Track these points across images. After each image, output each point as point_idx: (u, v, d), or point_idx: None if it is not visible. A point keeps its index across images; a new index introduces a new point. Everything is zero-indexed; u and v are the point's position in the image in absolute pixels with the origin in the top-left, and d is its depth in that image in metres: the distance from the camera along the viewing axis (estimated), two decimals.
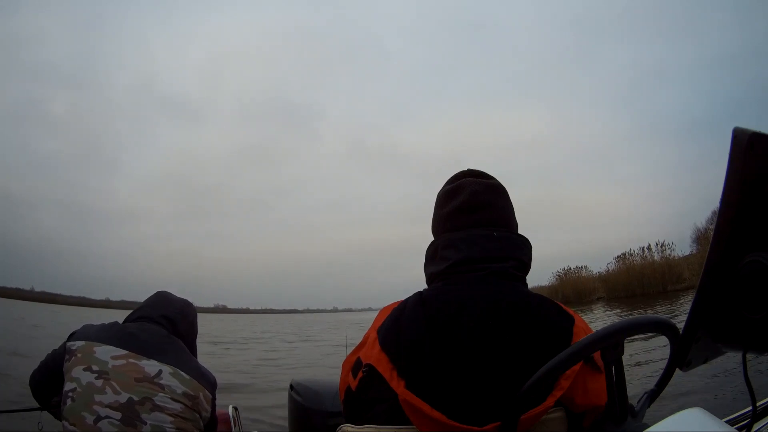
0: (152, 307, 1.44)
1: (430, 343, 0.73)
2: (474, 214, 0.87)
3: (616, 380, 0.67)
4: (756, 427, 0.89)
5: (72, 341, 1.29)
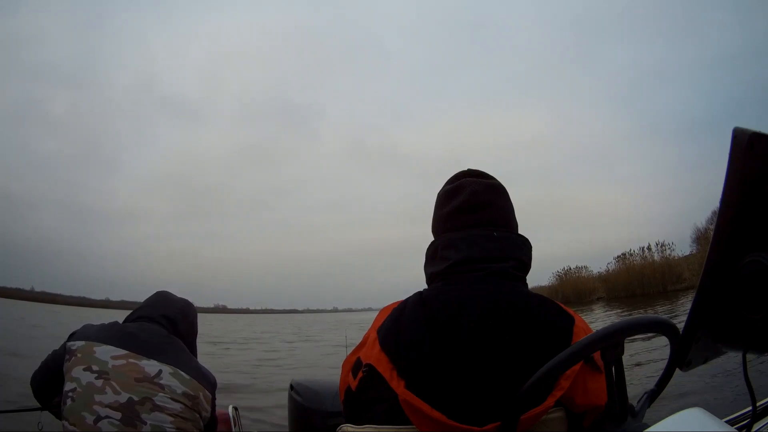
0: (152, 307, 1.44)
1: (430, 343, 0.72)
2: (474, 214, 0.87)
3: (616, 380, 0.67)
4: (756, 427, 0.89)
5: (72, 341, 1.29)
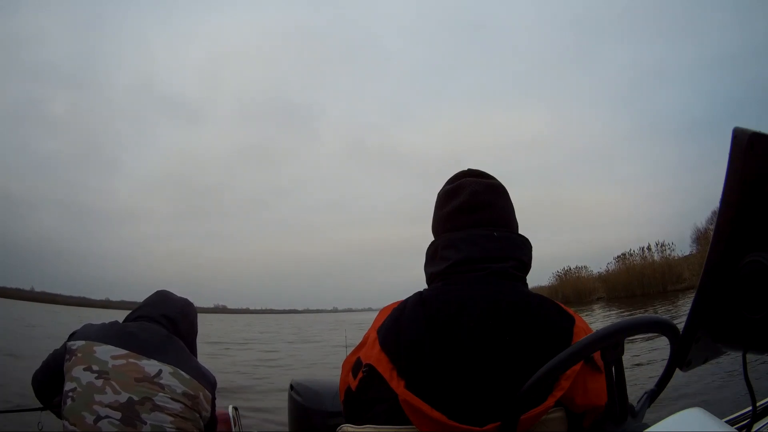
0: (152, 307, 1.43)
1: (430, 343, 0.72)
2: (474, 214, 0.87)
3: (616, 380, 0.67)
4: (756, 427, 0.89)
5: (72, 341, 1.29)
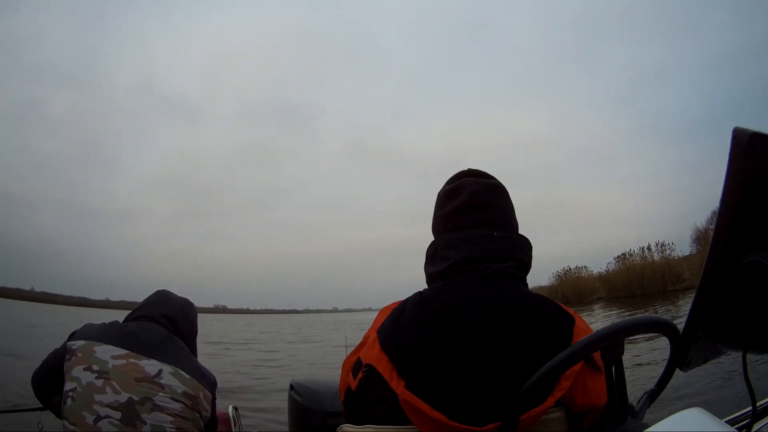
0: (153, 306, 1.43)
1: (430, 343, 0.72)
2: (474, 214, 0.87)
3: (616, 380, 0.67)
4: (756, 427, 0.89)
5: (72, 341, 1.29)
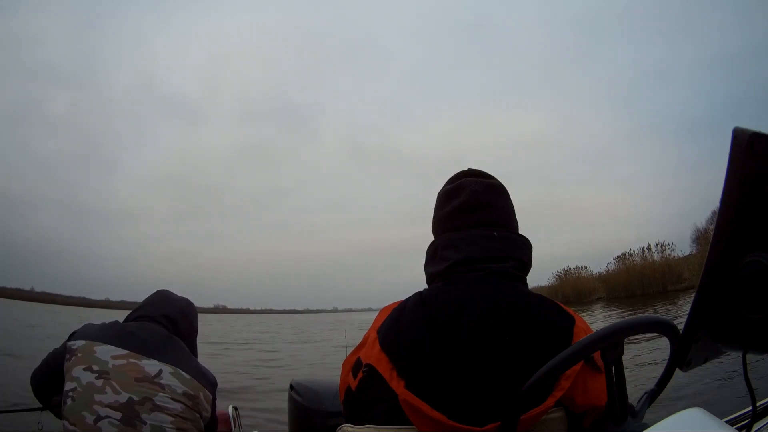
0: (153, 306, 1.43)
1: (430, 343, 0.72)
2: (474, 214, 0.87)
3: (616, 380, 0.67)
4: (756, 427, 0.89)
5: (72, 340, 1.29)
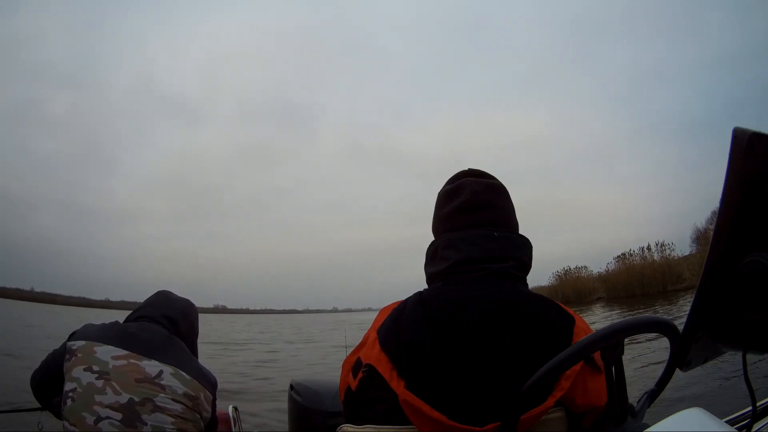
0: (153, 307, 1.43)
1: (430, 343, 0.72)
2: (474, 214, 0.87)
3: (616, 380, 0.67)
4: (756, 427, 0.89)
5: (72, 341, 1.29)
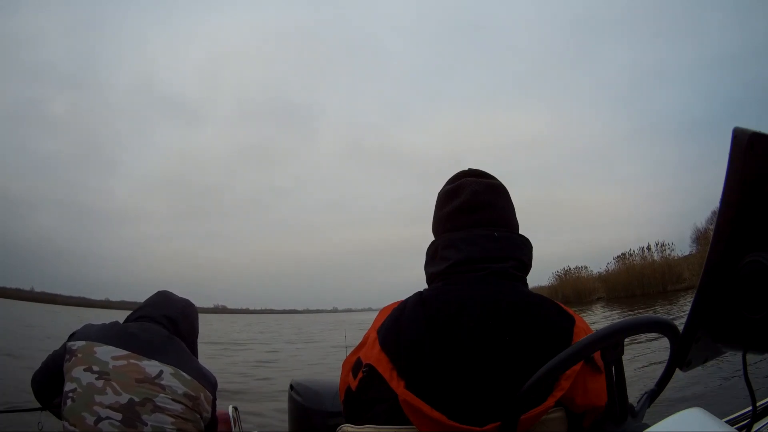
0: (153, 307, 1.43)
1: (430, 343, 0.72)
2: (474, 214, 0.87)
3: (616, 380, 0.67)
4: (756, 427, 0.89)
5: (72, 341, 1.29)
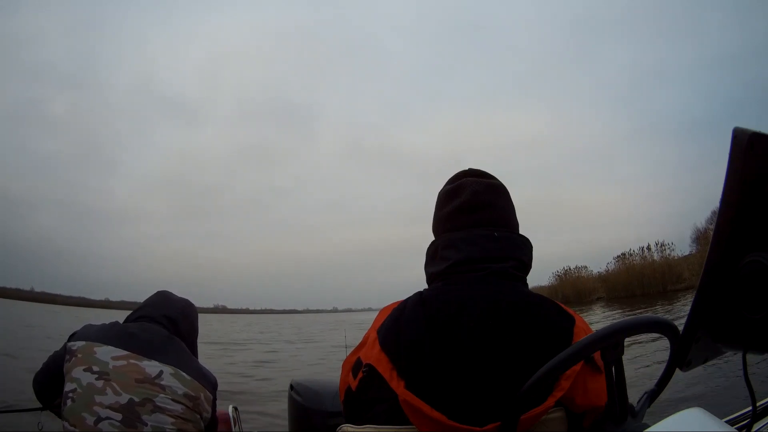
0: (153, 307, 1.43)
1: (430, 343, 0.73)
2: (474, 214, 0.87)
3: (616, 380, 0.67)
4: (756, 427, 0.89)
5: (72, 341, 1.29)
